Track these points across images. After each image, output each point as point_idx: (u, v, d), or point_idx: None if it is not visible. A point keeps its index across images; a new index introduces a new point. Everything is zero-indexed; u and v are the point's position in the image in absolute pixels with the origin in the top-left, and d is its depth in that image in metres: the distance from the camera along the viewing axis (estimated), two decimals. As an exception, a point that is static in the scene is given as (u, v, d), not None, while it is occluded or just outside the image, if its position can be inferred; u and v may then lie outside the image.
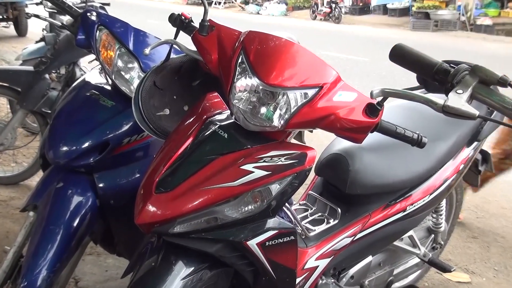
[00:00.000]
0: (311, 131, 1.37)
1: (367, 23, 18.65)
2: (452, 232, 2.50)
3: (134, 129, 1.82)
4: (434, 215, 2.18)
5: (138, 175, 1.88)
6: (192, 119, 1.35)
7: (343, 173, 1.58)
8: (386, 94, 1.19)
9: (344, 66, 8.79)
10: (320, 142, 2.03)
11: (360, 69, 8.66)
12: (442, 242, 2.28)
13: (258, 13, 22.91)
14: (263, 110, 1.17)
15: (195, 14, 1.58)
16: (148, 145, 1.92)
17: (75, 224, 1.72)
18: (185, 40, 1.49)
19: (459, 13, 16.97)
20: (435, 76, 1.19)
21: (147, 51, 1.44)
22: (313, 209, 1.69)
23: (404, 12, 19.03)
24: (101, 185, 1.82)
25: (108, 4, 2.89)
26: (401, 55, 1.25)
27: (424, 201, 1.82)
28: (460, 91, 1.11)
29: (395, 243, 1.90)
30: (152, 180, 1.24)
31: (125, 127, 1.82)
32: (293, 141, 1.36)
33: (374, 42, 12.78)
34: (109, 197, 1.83)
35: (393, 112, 1.84)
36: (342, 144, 1.63)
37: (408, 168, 1.72)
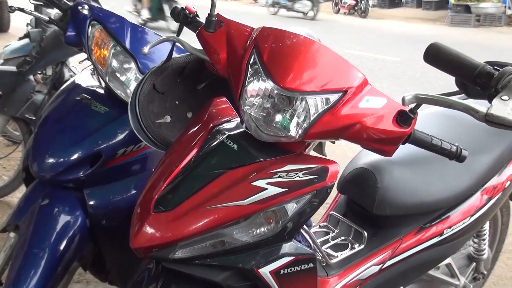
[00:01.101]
0: (334, 142, 1.37)
1: (398, 17, 18.65)
2: (496, 260, 2.48)
3: (130, 139, 1.84)
4: (476, 240, 2.16)
5: (134, 192, 1.89)
6: (196, 127, 1.36)
7: (370, 190, 1.58)
8: (420, 100, 1.19)
9: (372, 67, 8.80)
10: (344, 155, 2.03)
11: (390, 71, 8.66)
12: (485, 272, 2.26)
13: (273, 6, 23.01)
14: (278, 117, 1.18)
15: (201, 8, 1.59)
16: (146, 157, 1.93)
17: (61, 247, 1.73)
18: (190, 38, 1.50)
19: (505, 6, 16.92)
20: (476, 80, 1.19)
21: (146, 49, 1.45)
22: (336, 232, 1.69)
23: (441, 4, 19.01)
24: (92, 202, 1.83)
25: (101, -4, 2.92)
26: (437, 56, 1.25)
27: (464, 223, 1.81)
28: (505, 97, 1.11)
29: (430, 272, 1.89)
30: (150, 197, 1.24)
31: (120, 137, 1.84)
32: (313, 153, 1.37)
33: (406, 39, 12.77)
34: (100, 217, 1.84)
35: (428, 120, 1.84)
36: (369, 157, 1.63)
37: (446, 185, 1.71)
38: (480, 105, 1.11)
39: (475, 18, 16.92)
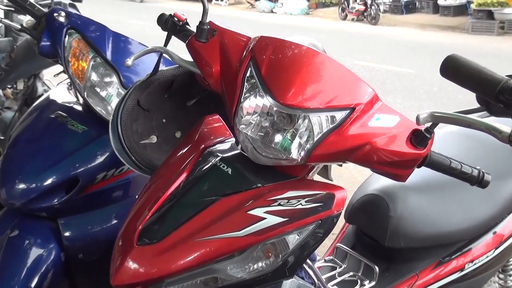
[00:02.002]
0: (340, 165, 1.38)
1: (412, 24, 18.71)
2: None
3: (111, 162, 1.84)
4: (502, 276, 2.16)
5: (115, 222, 1.88)
6: (186, 149, 1.36)
7: (382, 220, 1.58)
8: (437, 118, 1.20)
9: (383, 81, 8.84)
10: (352, 180, 2.03)
11: (404, 85, 8.69)
12: (513, 312, 2.25)
13: (271, 12, 23.06)
14: (278, 138, 1.18)
15: (192, 13, 1.61)
16: (129, 183, 1.93)
17: (33, 283, 1.72)
18: (179, 48, 1.51)
19: (533, 12, 17.00)
20: (499, 97, 1.19)
21: (129, 61, 1.46)
22: (343, 267, 1.69)
23: (460, 10, 19.08)
24: (67, 233, 1.82)
25: (79, 1, 2.94)
26: (455, 70, 1.25)
27: (487, 257, 1.81)
28: (532, 116, 1.12)
29: (450, 312, 1.89)
30: (133, 228, 1.24)
31: (100, 159, 1.84)
32: (317, 178, 1.37)
33: (422, 49, 12.82)
34: (77, 250, 1.83)
35: (446, 141, 1.85)
36: (381, 182, 1.64)
37: (467, 214, 1.71)
38: (503, 124, 1.12)
39: (499, 25, 16.97)
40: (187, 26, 1.61)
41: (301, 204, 1.20)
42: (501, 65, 9.00)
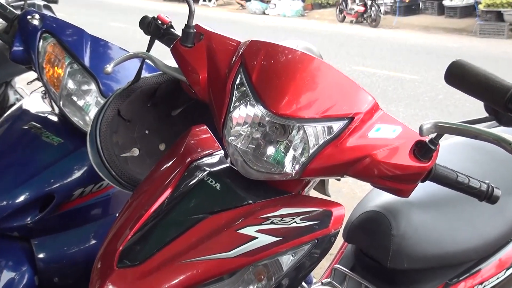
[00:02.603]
0: (339, 180, 1.38)
1: (416, 26, 18.78)
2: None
3: (90, 177, 1.84)
4: (514, 299, 2.16)
5: (94, 242, 1.88)
6: (171, 162, 1.36)
7: (383, 239, 1.58)
8: (442, 129, 1.20)
9: (385, 87, 8.87)
10: (352, 195, 2.03)
11: (407, 92, 8.73)
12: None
13: (263, 13, 23.08)
14: (271, 150, 1.19)
15: (177, 15, 1.61)
16: (108, 200, 1.93)
17: (3, 311, 1.71)
18: (163, 53, 1.52)
19: (546, 14, 17.08)
20: (508, 106, 1.19)
21: (109, 68, 1.46)
22: (342, 291, 1.69)
23: (467, 11, 19.15)
24: (41, 255, 1.81)
25: (55, 2, 2.93)
26: (460, 76, 1.26)
27: (498, 278, 1.81)
28: (544, 126, 1.13)
29: None
30: (113, 249, 1.24)
31: (77, 174, 1.84)
32: (313, 193, 1.37)
33: (426, 53, 12.88)
34: (52, 273, 1.82)
35: (452, 153, 1.85)
36: (382, 198, 1.64)
37: (475, 232, 1.71)
38: (513, 135, 1.13)
39: (509, 27, 17.02)
40: (172, 29, 1.62)
41: (295, 222, 1.20)
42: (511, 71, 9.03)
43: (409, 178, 1.21)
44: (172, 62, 1.47)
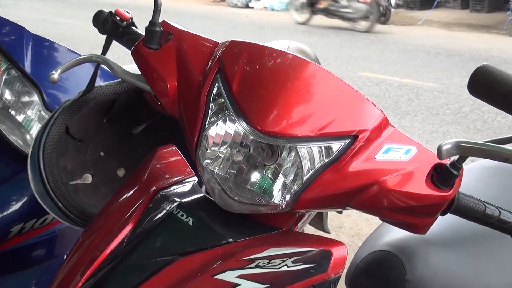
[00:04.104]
0: (340, 213, 1.38)
1: (434, 22, 18.85)
2: None
3: (31, 210, 1.83)
4: None
5: (36, 291, 1.87)
6: (131, 192, 1.36)
7: (396, 285, 1.58)
8: (466, 150, 1.20)
9: (396, 98, 8.90)
10: (356, 231, 2.03)
11: (424, 103, 8.76)
12: None
13: (247, 6, 23.03)
14: (256, 177, 1.19)
15: (140, 10, 1.61)
16: (54, 238, 1.92)
17: None
18: (122, 57, 1.51)
19: None
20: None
21: (55, 75, 1.46)
22: None
23: (497, 4, 19.27)
24: (-30, 308, 1.81)
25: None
26: (487, 85, 1.26)
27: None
28: None
29: None
30: (61, 299, 1.23)
31: (15, 206, 1.83)
32: (309, 229, 1.37)
33: (447, 55, 12.93)
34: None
35: (479, 179, 1.85)
36: (393, 235, 1.64)
37: (506, 275, 1.71)
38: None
39: (549, 24, 17.20)
40: (133, 27, 1.62)
41: (286, 265, 1.20)
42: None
43: (427, 211, 1.21)
44: (133, 68, 1.47)
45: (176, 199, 1.29)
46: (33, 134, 1.86)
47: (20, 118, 1.87)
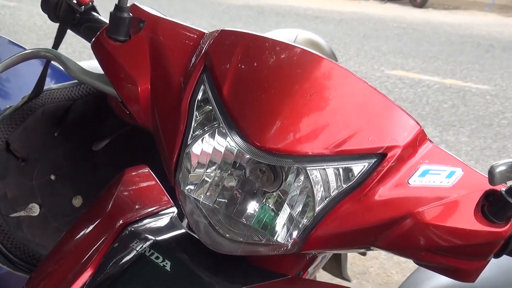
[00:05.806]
0: (364, 254, 1.37)
1: (484, 6, 19.00)
2: None
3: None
4: None
5: None
6: (91, 227, 1.34)
7: None
8: (526, 173, 1.19)
9: (436, 104, 8.93)
10: (385, 279, 2.03)
11: (473, 111, 8.78)
12: None
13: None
14: (253, 207, 1.17)
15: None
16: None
17: None
18: (79, 50, 1.51)
19: None
20: None
21: (-5, 74, 1.46)
22: None
23: None
24: None
25: None
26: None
27: None
28: None
29: None
30: None
31: None
32: (322, 276, 1.36)
33: (502, 49, 13.00)
34: None
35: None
36: (433, 283, 1.63)
37: None
38: None
39: None
40: (94, 13, 1.60)
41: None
42: None
43: (476, 252, 1.19)
44: (94, 66, 1.46)
45: (150, 236, 1.27)
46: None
47: None
